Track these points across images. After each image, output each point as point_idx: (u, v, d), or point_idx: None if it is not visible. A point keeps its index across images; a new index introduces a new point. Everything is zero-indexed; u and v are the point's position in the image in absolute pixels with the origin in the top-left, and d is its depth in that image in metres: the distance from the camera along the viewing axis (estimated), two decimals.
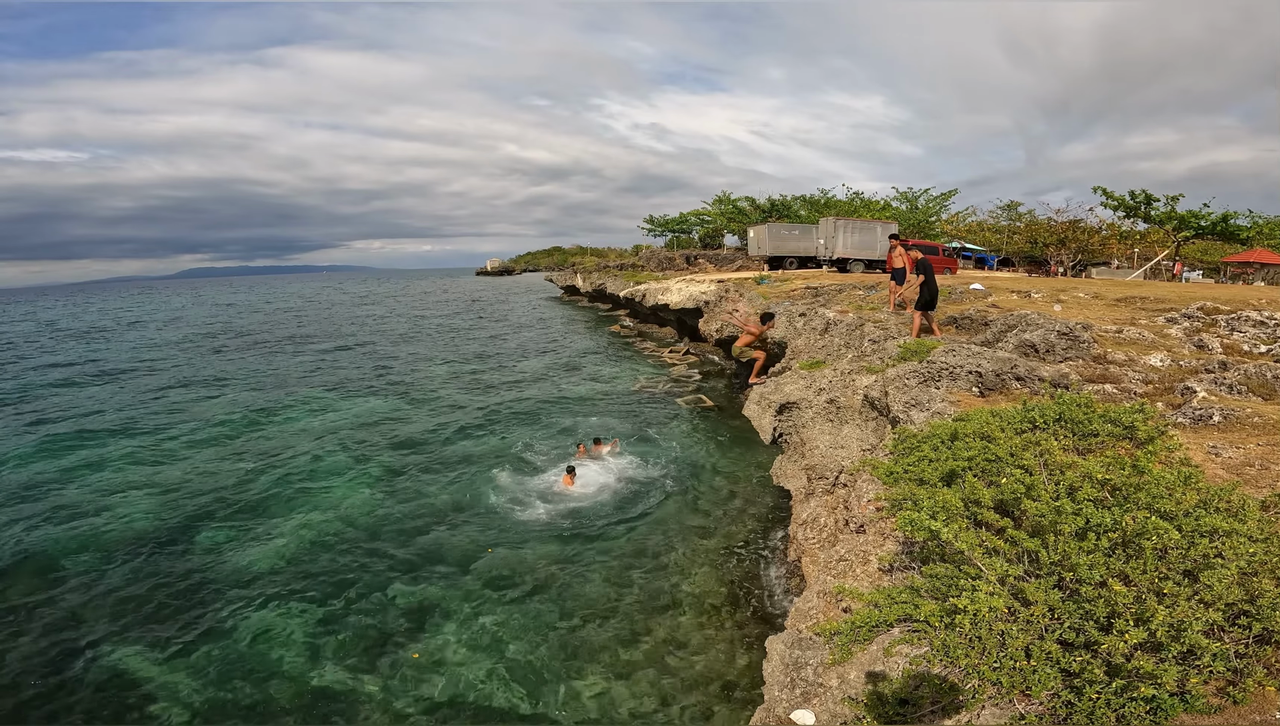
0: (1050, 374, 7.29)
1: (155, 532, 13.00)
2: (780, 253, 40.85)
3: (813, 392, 9.49)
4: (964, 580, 3.27)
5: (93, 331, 58.04)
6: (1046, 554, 3.26)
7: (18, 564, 11.84)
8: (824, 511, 6.35)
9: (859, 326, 11.84)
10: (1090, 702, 2.70)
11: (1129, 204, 37.34)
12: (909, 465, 4.49)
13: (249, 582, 11.01)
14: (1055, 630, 3.00)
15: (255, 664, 8.92)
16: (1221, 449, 5.22)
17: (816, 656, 3.75)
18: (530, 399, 25.12)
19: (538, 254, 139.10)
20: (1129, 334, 9.39)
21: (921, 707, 3.11)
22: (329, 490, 15.27)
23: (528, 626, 9.66)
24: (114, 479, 16.25)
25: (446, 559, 11.77)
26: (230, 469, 16.91)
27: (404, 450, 18.48)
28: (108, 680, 8.62)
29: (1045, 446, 4.40)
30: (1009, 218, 58.77)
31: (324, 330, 53.08)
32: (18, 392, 27.97)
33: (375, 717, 7.91)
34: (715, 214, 68.34)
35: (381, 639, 9.44)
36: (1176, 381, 7.20)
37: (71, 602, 10.48)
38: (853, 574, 4.43)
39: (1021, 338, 8.83)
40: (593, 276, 63.56)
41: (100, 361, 37.82)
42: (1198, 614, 2.91)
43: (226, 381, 29.96)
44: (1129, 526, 3.28)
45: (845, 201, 60.00)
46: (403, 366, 33.27)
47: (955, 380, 7.36)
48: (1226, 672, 2.80)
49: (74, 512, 14.04)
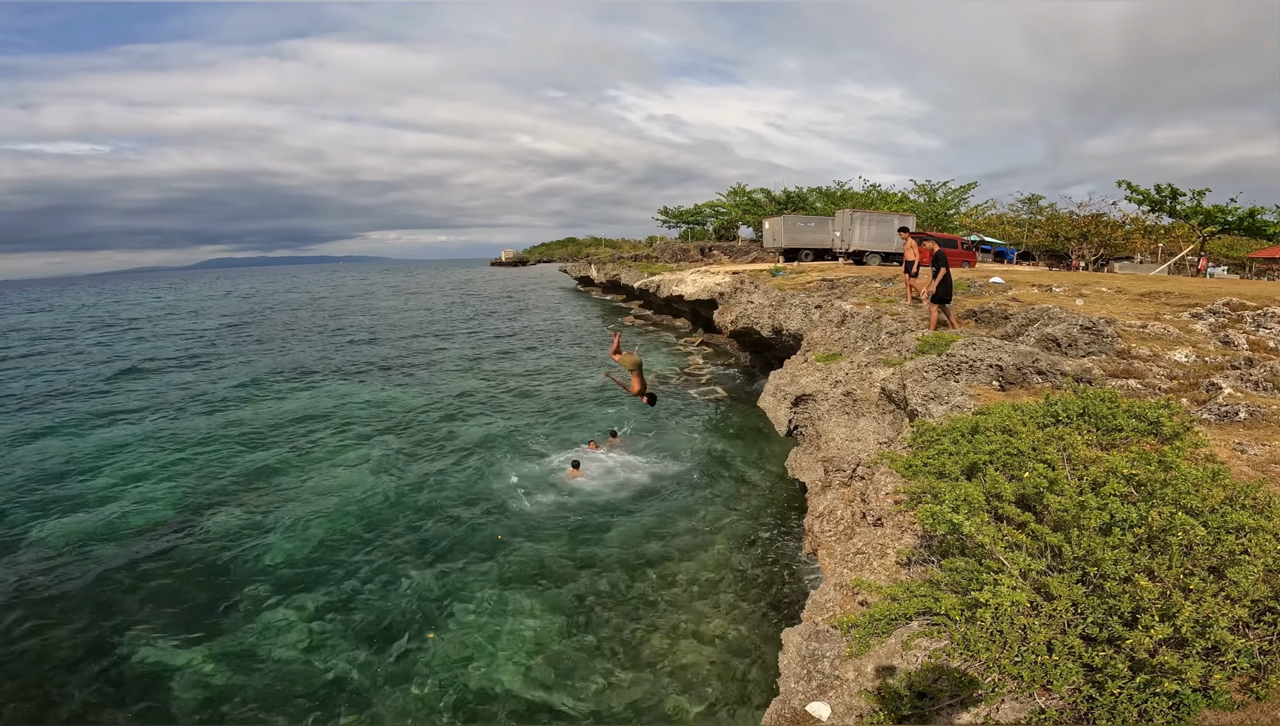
0: (1073, 368, 7.19)
1: (176, 519, 13.20)
2: (796, 245, 40.60)
3: (829, 385, 9.43)
4: (985, 574, 3.24)
5: (119, 322, 58.81)
6: (1070, 548, 3.23)
7: (44, 548, 12.06)
8: (841, 504, 6.32)
9: (876, 319, 11.74)
10: (1112, 698, 2.67)
11: (1154, 198, 36.70)
12: (929, 458, 4.45)
13: (267, 569, 11.16)
14: (1078, 625, 2.97)
15: (273, 648, 9.04)
16: (1247, 446, 5.13)
17: (833, 649, 3.73)
18: (544, 389, 25.21)
19: (552, 245, 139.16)
20: (1153, 329, 9.24)
21: (939, 701, 3.09)
22: (344, 478, 15.42)
23: (537, 614, 9.72)
24: (138, 466, 16.51)
25: (459, 547, 11.87)
26: (249, 457, 17.13)
27: (418, 439, 18.63)
28: (129, 664, 8.77)
29: (1068, 441, 4.35)
30: (1030, 211, 57.97)
31: (346, 321, 53.49)
32: (41, 384, 28.45)
33: (391, 700, 8.00)
34: (730, 206, 67.97)
35: (395, 624, 9.54)
36: (1202, 377, 7.09)
37: (95, 587, 10.67)
38: (870, 567, 4.41)
39: (1043, 331, 8.72)
40: (607, 267, 63.54)
41: (128, 352, 38.35)
42: (1224, 610, 2.87)
43: (250, 369, 30.31)
44: (1155, 522, 3.23)
45: (862, 194, 59.44)
46: (419, 356, 33.48)
47: (975, 374, 7.29)
48: (1250, 669, 2.76)
49: (100, 497, 14.29)
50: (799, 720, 3.46)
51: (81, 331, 49.57)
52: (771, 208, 60.18)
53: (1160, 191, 36.51)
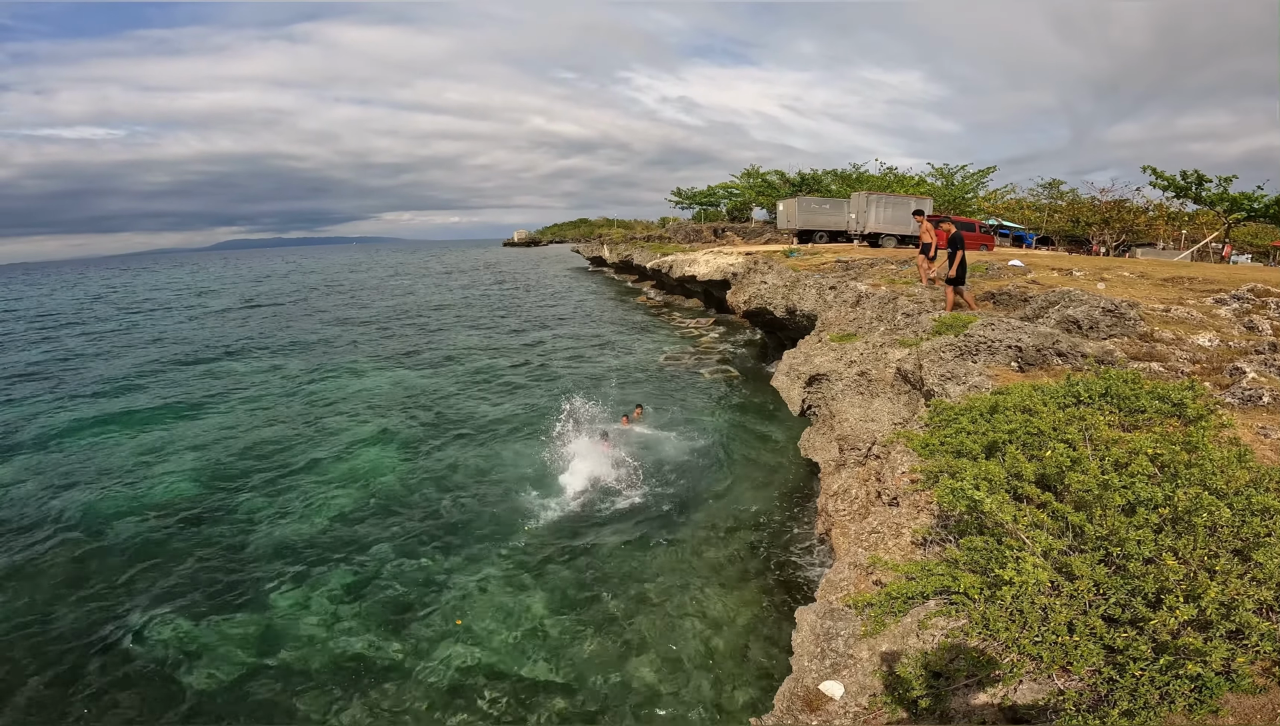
0: (1094, 350, 7.08)
1: (197, 499, 13.32)
2: (810, 227, 40.24)
3: (843, 365, 9.35)
4: (1006, 553, 3.19)
5: (141, 302, 59.39)
6: (1092, 528, 3.17)
7: (61, 525, 12.22)
8: (855, 483, 6.28)
9: (892, 300, 11.62)
10: (1133, 680, 2.63)
11: (1179, 184, 36.06)
12: (946, 437, 4.39)
13: (287, 550, 11.22)
14: (1100, 605, 2.92)
15: (292, 626, 9.10)
16: (1271, 430, 5.05)
17: (848, 628, 3.70)
18: (559, 368, 25.23)
19: (564, 226, 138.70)
20: (1177, 313, 9.09)
21: (955, 681, 3.06)
22: (362, 459, 15.52)
23: (551, 595, 9.75)
24: (160, 446, 16.68)
25: (475, 527, 11.92)
26: (269, 436, 17.26)
27: (435, 419, 18.72)
28: (149, 642, 8.84)
29: (1090, 421, 4.27)
30: (1050, 196, 57.10)
31: (364, 300, 53.76)
32: (61, 363, 28.85)
33: (411, 680, 8.04)
34: (744, 187, 67.34)
35: (415, 607, 9.56)
36: (1225, 362, 6.96)
37: (115, 567, 10.77)
38: (885, 546, 4.37)
39: (1064, 313, 8.59)
40: (619, 248, 63.35)
41: (146, 331, 38.75)
42: (1249, 592, 2.82)
43: (268, 350, 30.56)
44: (1180, 502, 3.17)
45: (878, 177, 58.73)
46: (436, 336, 33.58)
47: (994, 354, 7.19)
48: (1274, 652, 2.71)
49: (120, 479, 14.44)
50: (812, 698, 3.44)
51: (89, 317, 50.12)
52: (786, 190, 59.60)
53: (1186, 178, 35.87)
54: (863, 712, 3.22)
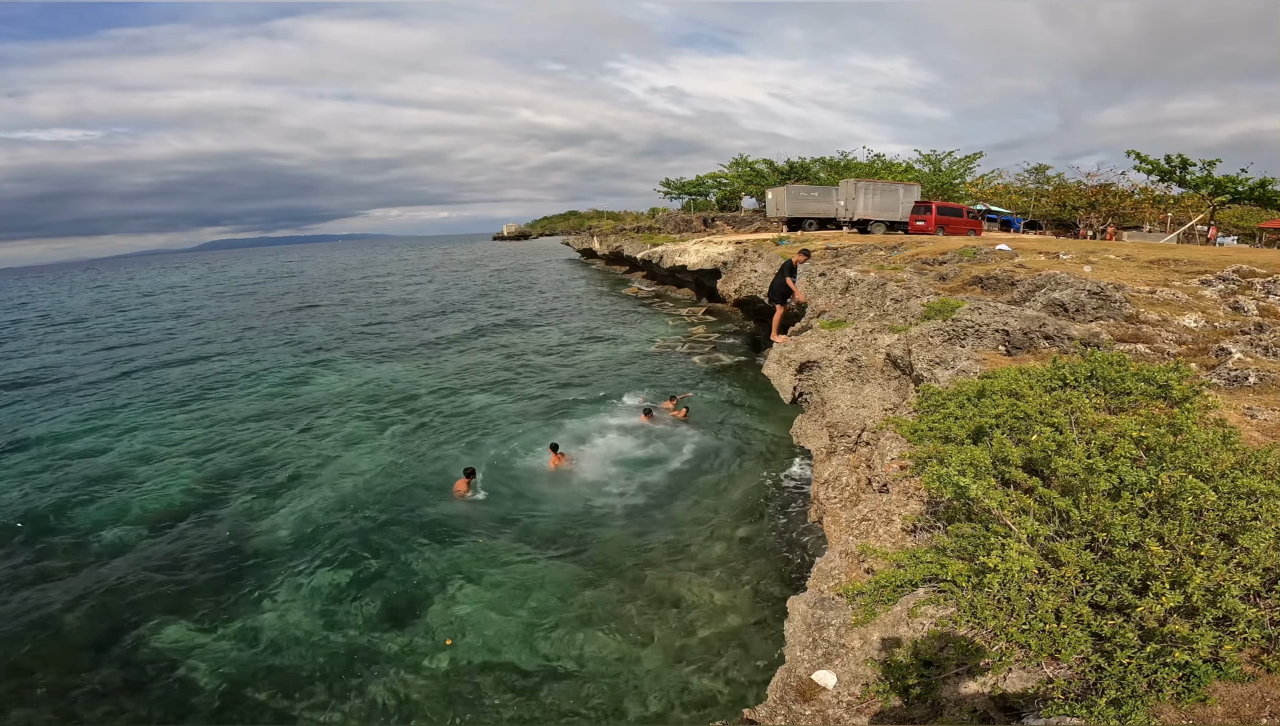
0: (1080, 333, 7.09)
1: (190, 501, 13.20)
2: (799, 214, 40.22)
3: (833, 351, 9.34)
4: (992, 539, 3.18)
5: (125, 306, 58.87)
6: (1078, 513, 3.16)
7: (57, 530, 12.09)
8: (846, 470, 6.27)
9: (881, 285, 11.60)
10: (1121, 667, 2.62)
11: (1164, 168, 36.20)
12: (934, 422, 4.38)
13: (281, 550, 11.13)
14: (1087, 592, 2.92)
15: (290, 627, 9.03)
16: (1257, 411, 5.05)
17: (839, 617, 3.70)
18: (551, 362, 25.16)
19: (554, 218, 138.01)
20: (1162, 295, 9.11)
21: (946, 670, 3.05)
22: (355, 456, 15.43)
23: (545, 587, 9.73)
24: (151, 447, 16.53)
25: (469, 523, 11.87)
26: (261, 436, 17.13)
27: (427, 415, 18.64)
28: (147, 646, 8.76)
29: (1076, 404, 4.27)
30: (1037, 181, 57.20)
31: (356, 298, 53.45)
32: (48, 366, 28.56)
33: (411, 680, 8.01)
34: (733, 177, 67.16)
35: (414, 602, 9.52)
36: (1211, 343, 6.98)
37: (108, 569, 10.67)
38: (876, 534, 4.36)
39: (1050, 296, 8.60)
40: (610, 239, 63.12)
41: (134, 332, 38.40)
42: (1235, 577, 2.81)
43: (258, 349, 30.34)
44: (1165, 486, 3.16)
45: (866, 164, 58.64)
46: (426, 331, 33.41)
47: (981, 338, 7.19)
48: (1261, 640, 2.69)
49: (110, 481, 14.29)
50: (804, 688, 3.44)
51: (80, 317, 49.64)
52: (774, 178, 59.46)
53: (1170, 161, 36.01)
54: (855, 702, 3.21)
